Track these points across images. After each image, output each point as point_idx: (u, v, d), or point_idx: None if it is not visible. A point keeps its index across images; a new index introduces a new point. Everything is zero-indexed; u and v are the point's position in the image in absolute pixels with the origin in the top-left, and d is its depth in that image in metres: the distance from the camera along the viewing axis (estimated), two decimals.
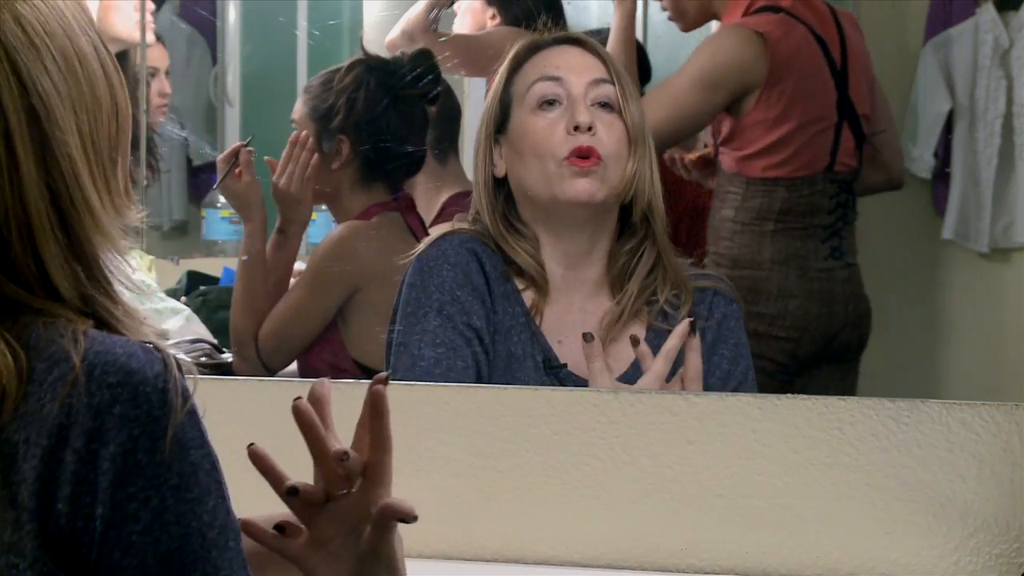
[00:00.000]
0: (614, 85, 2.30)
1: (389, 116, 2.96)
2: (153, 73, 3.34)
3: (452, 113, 3.17)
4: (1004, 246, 3.31)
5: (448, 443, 2.18)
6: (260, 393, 2.24)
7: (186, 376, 1.22)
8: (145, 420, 1.18)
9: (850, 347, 2.64)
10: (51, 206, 1.24)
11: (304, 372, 2.88)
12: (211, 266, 3.33)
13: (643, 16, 3.25)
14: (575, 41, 2.35)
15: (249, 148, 2.98)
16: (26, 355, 1.19)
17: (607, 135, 2.28)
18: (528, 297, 2.30)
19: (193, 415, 1.20)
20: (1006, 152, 3.27)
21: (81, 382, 1.17)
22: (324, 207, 3.14)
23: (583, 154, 2.26)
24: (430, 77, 2.99)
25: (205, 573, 1.19)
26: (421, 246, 2.31)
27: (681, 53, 3.07)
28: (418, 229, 2.92)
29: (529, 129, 2.29)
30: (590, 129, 2.26)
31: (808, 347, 2.88)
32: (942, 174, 3.31)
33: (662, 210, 2.30)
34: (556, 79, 2.30)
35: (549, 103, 2.29)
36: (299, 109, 2.98)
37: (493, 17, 3.18)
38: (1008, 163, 3.27)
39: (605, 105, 2.29)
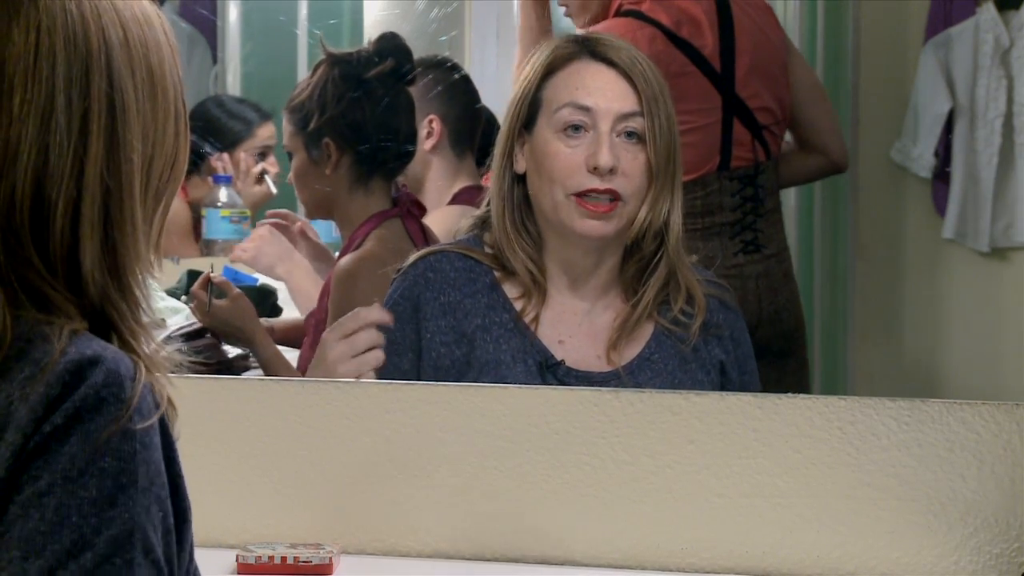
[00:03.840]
0: (643, 117, 2.25)
1: (364, 105, 2.88)
2: None
3: (473, 106, 3.14)
4: (1004, 246, 3.30)
5: (448, 443, 2.18)
6: (260, 393, 2.24)
7: (159, 404, 1.25)
8: (72, 415, 1.21)
9: (770, 345, 2.56)
10: (101, 200, 1.28)
11: (305, 369, 2.86)
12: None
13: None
14: (612, 62, 2.28)
15: (219, 277, 2.86)
16: (13, 348, 1.24)
17: (630, 169, 2.24)
18: (523, 303, 2.30)
19: (128, 433, 1.22)
20: (1006, 152, 3.27)
21: (48, 378, 1.22)
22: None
23: (597, 196, 2.23)
24: (401, 58, 2.92)
25: (60, 564, 1.20)
26: (398, 275, 2.33)
27: None
28: (416, 235, 2.89)
29: (550, 152, 2.26)
30: (611, 171, 2.23)
31: None
32: (942, 174, 3.31)
33: (678, 224, 2.28)
34: (585, 109, 2.25)
35: (575, 128, 2.25)
36: (286, 130, 2.91)
37: None
38: (1008, 163, 3.27)
39: (632, 135, 2.25)
